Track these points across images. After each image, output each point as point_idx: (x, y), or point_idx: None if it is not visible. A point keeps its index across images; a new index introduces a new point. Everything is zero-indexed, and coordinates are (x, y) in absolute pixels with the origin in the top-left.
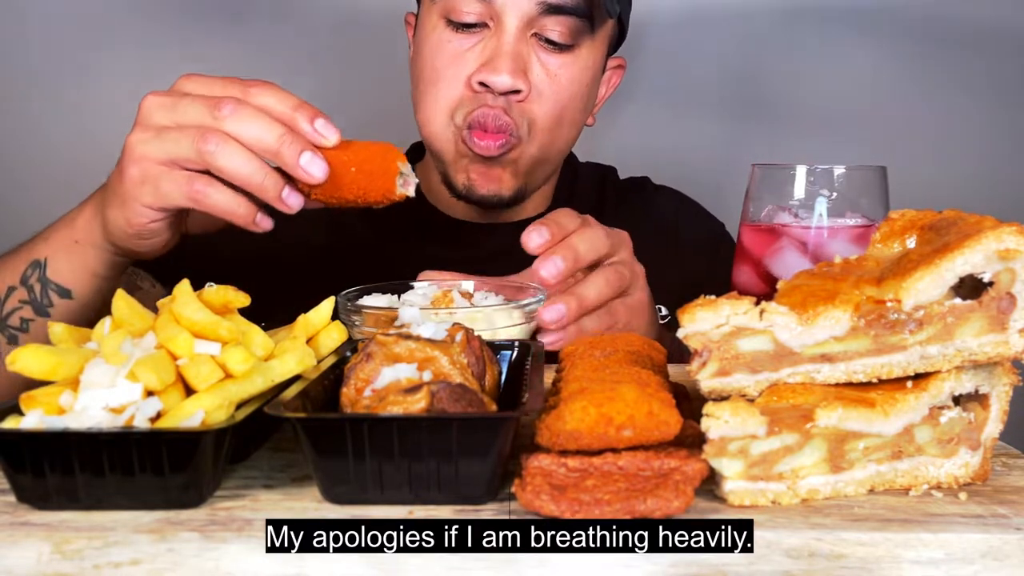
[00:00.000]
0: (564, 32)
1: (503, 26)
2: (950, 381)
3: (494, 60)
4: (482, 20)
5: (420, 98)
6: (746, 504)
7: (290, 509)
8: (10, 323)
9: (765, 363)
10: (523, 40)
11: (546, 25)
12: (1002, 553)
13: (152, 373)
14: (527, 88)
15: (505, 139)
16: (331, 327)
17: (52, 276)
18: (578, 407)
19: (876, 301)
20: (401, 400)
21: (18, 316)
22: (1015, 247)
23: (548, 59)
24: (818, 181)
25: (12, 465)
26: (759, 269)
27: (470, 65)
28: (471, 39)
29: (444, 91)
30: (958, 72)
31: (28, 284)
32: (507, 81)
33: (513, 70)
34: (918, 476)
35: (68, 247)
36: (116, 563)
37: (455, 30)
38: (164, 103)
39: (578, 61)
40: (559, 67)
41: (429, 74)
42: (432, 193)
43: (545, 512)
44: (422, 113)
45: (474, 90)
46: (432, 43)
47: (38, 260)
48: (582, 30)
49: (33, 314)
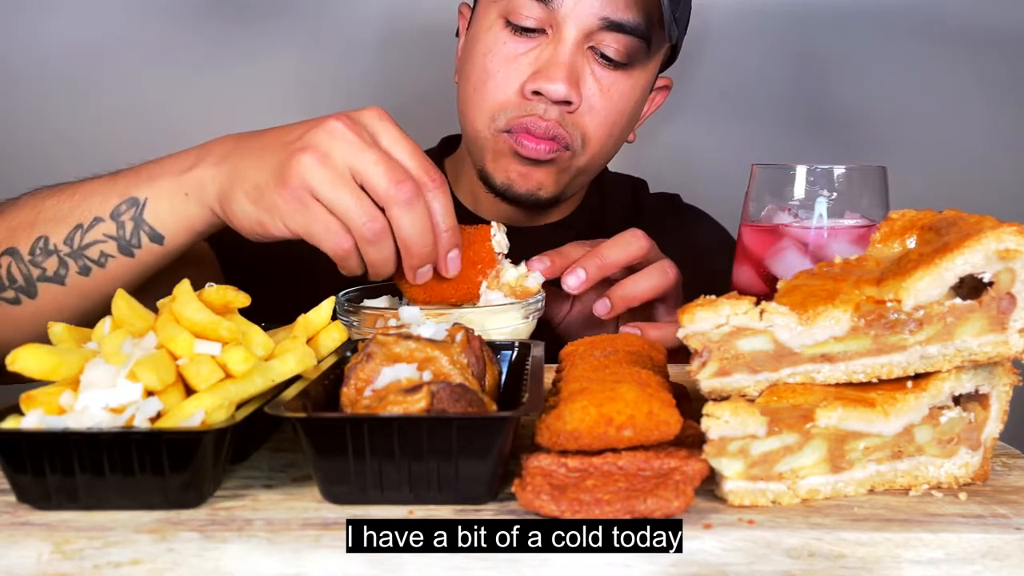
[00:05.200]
0: (621, 50)
1: (562, 35)
2: (950, 381)
3: (549, 68)
4: (541, 26)
5: (467, 95)
6: (746, 504)
7: (290, 509)
8: (88, 254)
9: (765, 363)
10: (580, 52)
11: (604, 40)
12: (1002, 553)
13: (152, 373)
14: (578, 100)
15: (555, 146)
16: (331, 327)
17: (150, 218)
18: (578, 407)
19: (876, 301)
20: (401, 400)
21: (99, 249)
22: (1015, 247)
23: (602, 74)
24: (818, 181)
25: (12, 465)
26: (759, 269)
27: (524, 71)
28: (527, 44)
29: (493, 92)
30: (958, 72)
31: (119, 220)
32: (562, 90)
33: (568, 80)
34: (918, 476)
35: (174, 195)
36: (116, 563)
37: (513, 32)
38: (352, 151)
39: (630, 79)
40: (612, 83)
41: (480, 73)
42: (461, 189)
43: (545, 512)
44: (467, 110)
45: (525, 97)
46: (487, 42)
47: (136, 198)
48: (639, 51)
49: (117, 251)
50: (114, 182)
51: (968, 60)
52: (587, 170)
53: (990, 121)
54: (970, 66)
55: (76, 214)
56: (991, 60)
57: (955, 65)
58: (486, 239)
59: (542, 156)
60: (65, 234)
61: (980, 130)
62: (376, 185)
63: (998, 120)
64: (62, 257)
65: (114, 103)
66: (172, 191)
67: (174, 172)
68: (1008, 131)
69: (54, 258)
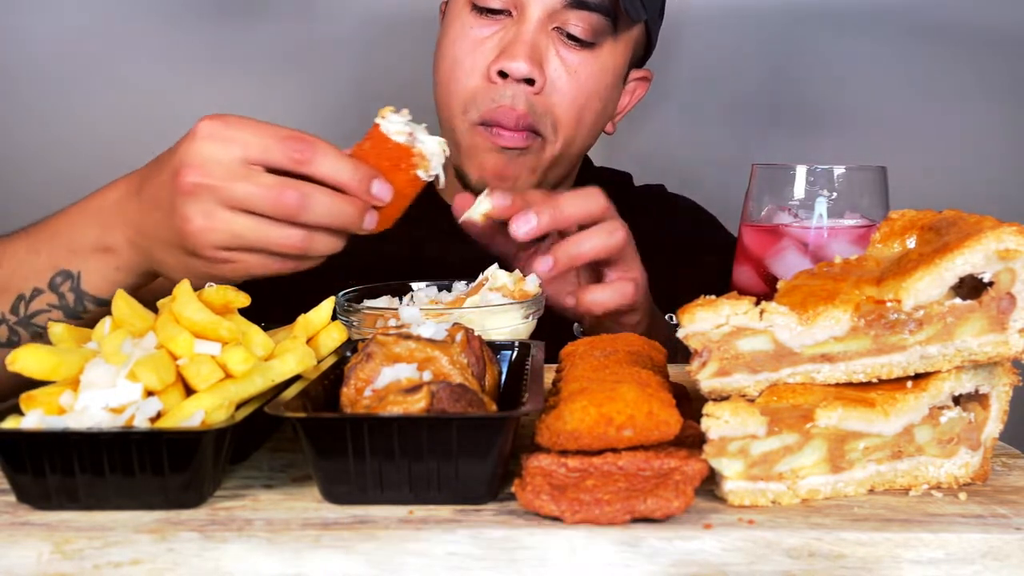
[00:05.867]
0: (586, 29)
1: (525, 15)
2: (950, 381)
3: (512, 47)
4: (506, 7)
5: (440, 87)
6: (746, 504)
7: (290, 509)
8: (36, 321)
9: (765, 363)
10: (543, 31)
11: (569, 20)
12: (1002, 553)
13: (152, 373)
14: (542, 80)
15: (528, 135)
16: (331, 327)
17: (89, 289)
18: (578, 407)
19: (876, 301)
20: (401, 400)
21: (46, 316)
22: (1015, 247)
23: (567, 55)
24: (818, 181)
25: (12, 465)
26: (759, 269)
27: (489, 54)
28: (493, 27)
29: (463, 80)
30: (959, 72)
31: (59, 291)
32: (524, 68)
33: (530, 58)
34: (918, 476)
35: (104, 271)
36: (116, 563)
37: (479, 15)
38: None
39: (598, 60)
40: (578, 64)
41: (449, 62)
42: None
43: (545, 512)
44: (441, 102)
45: (492, 81)
46: (456, 29)
47: (68, 271)
48: (605, 29)
49: (65, 317)
50: (35, 252)
51: (968, 60)
52: (562, 159)
53: (990, 121)
54: (970, 66)
55: (14, 284)
56: (991, 60)
57: (955, 65)
58: (381, 139)
59: (520, 144)
60: (10, 304)
61: (980, 130)
62: (264, 211)
63: (998, 120)
64: (11, 326)
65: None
66: (100, 267)
67: (89, 248)
68: (1008, 131)
69: (3, 327)
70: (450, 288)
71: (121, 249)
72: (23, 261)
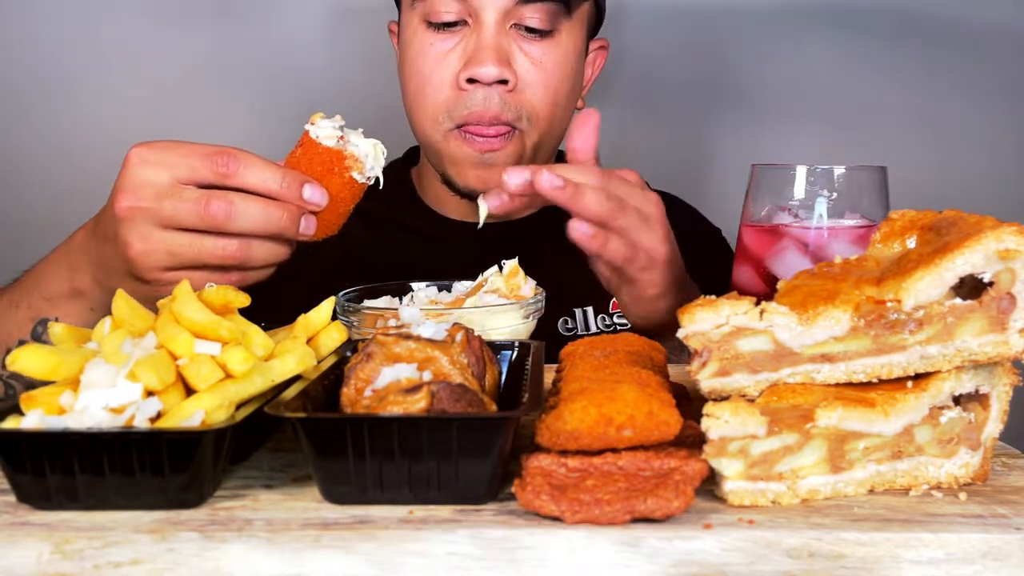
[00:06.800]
0: (542, 18)
1: (481, 21)
2: (950, 381)
3: (477, 54)
4: (461, 18)
5: (410, 104)
6: (746, 504)
7: (290, 509)
8: None
9: (765, 363)
10: (503, 32)
11: (524, 14)
12: (1002, 553)
13: (152, 373)
14: (514, 78)
15: (504, 130)
16: (331, 327)
17: None
18: (578, 407)
19: (876, 301)
20: (401, 400)
21: None
22: (1015, 247)
23: (530, 48)
24: (818, 181)
25: (12, 465)
26: (759, 269)
27: (454, 65)
28: (452, 39)
29: (432, 95)
30: (958, 72)
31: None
32: (493, 71)
33: (498, 60)
34: (918, 476)
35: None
36: (116, 563)
37: (436, 31)
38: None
39: (559, 46)
40: (542, 54)
41: (416, 79)
42: (427, 195)
43: (545, 512)
44: (413, 117)
45: (462, 88)
46: (415, 47)
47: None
48: (559, 13)
49: None
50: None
51: (965, 60)
52: (543, 145)
53: (990, 121)
54: (968, 66)
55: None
56: (989, 60)
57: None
58: (311, 145)
59: (496, 147)
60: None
61: (980, 130)
62: (195, 224)
63: (997, 120)
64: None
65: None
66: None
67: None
68: (1008, 131)
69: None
70: (450, 288)
71: (89, 290)
72: (5, 315)
